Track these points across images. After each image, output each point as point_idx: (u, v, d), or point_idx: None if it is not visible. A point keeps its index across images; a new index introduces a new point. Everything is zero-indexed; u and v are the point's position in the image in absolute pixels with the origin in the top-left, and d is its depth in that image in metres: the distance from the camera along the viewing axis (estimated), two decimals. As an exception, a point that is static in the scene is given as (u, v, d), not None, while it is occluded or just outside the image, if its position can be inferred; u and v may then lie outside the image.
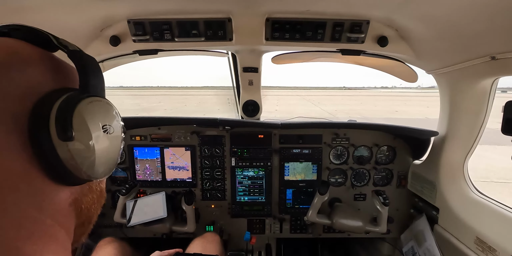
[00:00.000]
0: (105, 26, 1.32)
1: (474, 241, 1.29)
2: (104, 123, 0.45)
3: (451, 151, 1.49)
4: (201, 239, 1.60)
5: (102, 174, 0.47)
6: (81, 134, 0.41)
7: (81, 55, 0.45)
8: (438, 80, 1.49)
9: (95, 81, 0.46)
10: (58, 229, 0.41)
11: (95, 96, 0.45)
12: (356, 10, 1.21)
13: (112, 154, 0.48)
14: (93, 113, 0.43)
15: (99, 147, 0.44)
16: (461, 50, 1.19)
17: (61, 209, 0.43)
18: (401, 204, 1.89)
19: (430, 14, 1.08)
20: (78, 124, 0.40)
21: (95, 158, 0.43)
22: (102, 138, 0.44)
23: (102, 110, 0.45)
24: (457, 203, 1.45)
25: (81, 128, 0.41)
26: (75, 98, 0.41)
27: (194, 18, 1.26)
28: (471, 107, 1.35)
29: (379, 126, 1.77)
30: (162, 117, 1.79)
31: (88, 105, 0.42)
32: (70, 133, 0.39)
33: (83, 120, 0.41)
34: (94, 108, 0.43)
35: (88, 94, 0.43)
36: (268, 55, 1.71)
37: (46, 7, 1.01)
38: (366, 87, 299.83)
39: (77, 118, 0.40)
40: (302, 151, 1.86)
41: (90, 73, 0.45)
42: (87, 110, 0.42)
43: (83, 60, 0.45)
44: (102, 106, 0.45)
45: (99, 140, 0.43)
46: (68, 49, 0.45)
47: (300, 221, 1.94)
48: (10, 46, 0.42)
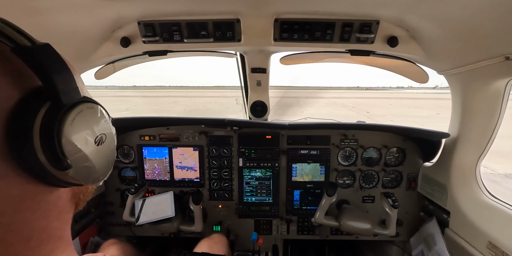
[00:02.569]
0: (116, 27, 1.34)
1: (486, 246, 1.26)
2: (95, 136, 0.40)
3: (463, 154, 1.46)
4: (208, 240, 1.61)
5: (103, 177, 0.45)
6: (77, 159, 0.37)
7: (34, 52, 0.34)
8: (450, 81, 1.46)
9: (65, 82, 0.37)
10: (63, 228, 0.43)
11: (74, 107, 0.37)
12: (366, 10, 1.20)
13: (109, 159, 0.46)
14: (81, 131, 0.38)
15: (96, 161, 0.41)
16: (474, 50, 1.16)
17: (63, 209, 0.43)
18: (411, 207, 1.86)
19: (442, 13, 1.06)
20: (70, 152, 0.36)
21: (96, 169, 0.42)
22: (97, 151, 0.41)
23: (89, 122, 0.40)
24: (469, 206, 1.41)
25: (75, 154, 0.37)
26: (54, 119, 0.35)
27: (203, 19, 1.27)
28: (484, 108, 1.32)
29: (388, 127, 1.74)
30: (171, 117, 1.81)
31: (73, 124, 0.37)
32: (66, 163, 0.36)
33: (75, 146, 0.37)
34: (80, 124, 0.38)
35: (65, 108, 0.36)
36: (276, 55, 1.71)
37: (60, 9, 1.04)
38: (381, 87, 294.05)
39: (67, 145, 0.36)
40: (310, 152, 1.85)
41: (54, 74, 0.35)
42: (74, 132, 0.37)
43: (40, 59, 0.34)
44: (86, 116, 0.39)
45: (95, 155, 0.40)
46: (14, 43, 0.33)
47: (308, 222, 1.93)
48: None
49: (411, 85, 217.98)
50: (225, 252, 1.55)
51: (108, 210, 1.95)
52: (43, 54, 0.35)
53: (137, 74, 63.50)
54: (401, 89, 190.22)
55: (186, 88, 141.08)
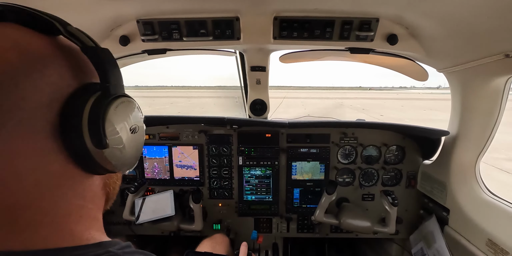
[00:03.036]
0: (115, 26, 1.34)
1: (485, 243, 1.26)
2: (131, 124, 0.48)
3: (462, 151, 1.46)
4: (210, 240, 1.61)
5: (130, 166, 0.52)
6: (114, 139, 0.44)
7: (98, 51, 0.44)
8: (449, 79, 1.46)
9: (115, 78, 0.46)
10: (97, 211, 0.50)
11: (119, 97, 0.46)
12: (365, 8, 1.20)
13: (138, 149, 0.52)
14: (122, 117, 0.45)
15: (128, 146, 0.47)
16: (474, 48, 1.16)
17: (96, 194, 0.50)
18: (410, 205, 1.87)
19: (441, 11, 1.06)
20: (110, 132, 0.43)
21: (126, 156, 0.48)
22: (130, 138, 0.48)
23: (128, 112, 0.47)
24: (468, 204, 1.42)
25: (113, 135, 0.44)
26: (103, 103, 0.42)
27: (202, 17, 1.26)
28: (484, 106, 1.32)
29: (388, 125, 1.74)
30: (170, 116, 1.81)
31: (116, 110, 0.44)
32: (105, 142, 0.42)
33: (114, 128, 0.44)
34: (121, 111, 0.45)
35: (112, 97, 0.44)
36: (276, 54, 1.71)
37: (59, 7, 1.03)
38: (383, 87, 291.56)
39: (108, 126, 0.43)
40: (309, 151, 1.85)
41: (109, 71, 0.45)
42: (116, 116, 0.44)
43: (100, 57, 0.44)
44: (127, 107, 0.47)
45: (128, 141, 0.47)
46: (82, 44, 0.43)
47: (307, 220, 1.94)
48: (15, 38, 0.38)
49: (414, 85, 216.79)
50: (227, 253, 1.56)
51: (108, 209, 1.95)
52: (104, 55, 0.44)
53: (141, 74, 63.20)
54: (404, 89, 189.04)
55: (188, 88, 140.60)
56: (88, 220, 0.47)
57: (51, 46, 0.42)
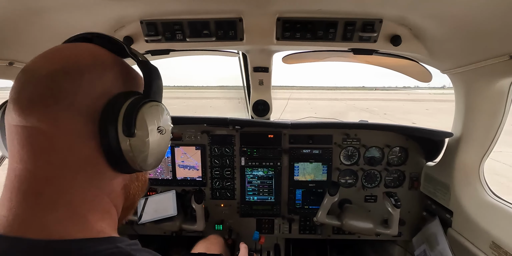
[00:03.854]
0: (118, 27, 1.34)
1: (489, 246, 1.25)
2: (159, 125, 0.53)
3: (466, 153, 1.45)
4: (204, 241, 1.63)
5: (151, 166, 0.55)
6: (141, 132, 0.49)
7: (148, 65, 0.54)
8: (453, 80, 1.45)
9: (156, 88, 0.54)
10: (112, 207, 0.53)
11: (155, 101, 0.53)
12: (369, 9, 1.19)
13: (162, 151, 0.56)
14: (152, 115, 0.51)
15: (153, 144, 0.52)
16: (478, 49, 1.15)
17: (115, 191, 0.54)
18: (413, 207, 1.85)
19: (445, 12, 1.05)
20: (140, 124, 0.48)
21: (148, 153, 0.51)
22: (156, 137, 0.52)
23: (159, 114, 0.53)
24: (472, 206, 1.41)
25: (142, 127, 0.49)
26: (140, 101, 0.49)
27: (205, 18, 1.27)
28: (488, 108, 1.31)
29: (390, 126, 1.74)
30: (173, 116, 1.80)
31: (149, 109, 0.50)
32: (133, 130, 0.47)
33: (144, 121, 0.49)
34: (153, 111, 0.51)
35: (150, 99, 0.51)
36: (279, 54, 1.71)
37: (63, 8, 1.04)
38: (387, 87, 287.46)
39: (140, 118, 0.48)
40: (312, 152, 1.84)
41: (153, 81, 0.54)
42: (148, 113, 0.50)
43: (149, 69, 0.54)
44: (159, 110, 0.54)
45: (154, 138, 0.51)
46: (137, 58, 0.54)
47: (310, 221, 1.93)
48: (94, 51, 0.51)
49: (418, 85, 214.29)
50: (222, 253, 1.56)
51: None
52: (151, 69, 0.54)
53: (140, 74, 64.21)
54: (408, 89, 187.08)
55: (189, 88, 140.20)
56: (101, 211, 0.51)
57: (115, 59, 0.53)
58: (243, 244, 1.44)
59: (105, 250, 0.45)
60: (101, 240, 0.47)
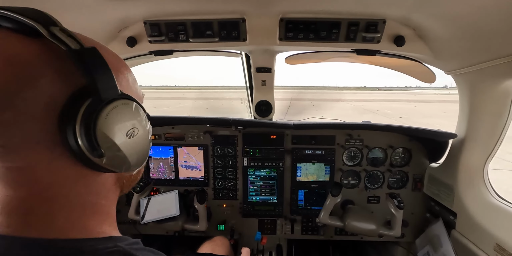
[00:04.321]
0: (122, 27, 1.35)
1: (494, 248, 1.24)
2: (127, 130, 0.46)
3: (470, 154, 1.44)
4: (210, 242, 1.63)
5: (136, 167, 0.51)
6: (109, 149, 0.43)
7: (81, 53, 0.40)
8: (457, 81, 1.44)
9: (104, 81, 0.42)
10: (109, 206, 0.53)
11: (110, 103, 0.43)
12: (372, 9, 1.19)
13: (143, 149, 0.51)
14: (114, 125, 0.44)
15: (129, 151, 0.47)
16: (482, 50, 1.14)
17: (110, 189, 0.53)
18: (417, 208, 1.84)
19: (449, 12, 1.05)
20: (103, 142, 0.42)
21: (129, 160, 0.47)
22: (129, 143, 0.46)
23: (121, 117, 0.45)
24: (476, 208, 1.40)
25: (107, 145, 0.43)
26: (91, 113, 0.41)
27: (208, 18, 1.27)
28: (492, 109, 1.30)
29: (394, 127, 1.73)
30: (176, 117, 1.82)
31: (107, 119, 0.42)
32: (100, 151, 0.42)
33: (106, 137, 0.43)
34: (112, 119, 0.43)
35: (103, 104, 0.42)
36: (281, 55, 1.71)
37: (66, 9, 1.05)
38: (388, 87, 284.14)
39: (100, 136, 0.42)
40: (314, 152, 1.84)
41: (97, 74, 0.41)
42: (106, 126, 0.42)
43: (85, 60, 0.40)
44: (119, 112, 0.44)
45: (127, 147, 0.46)
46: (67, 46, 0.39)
47: (312, 222, 1.93)
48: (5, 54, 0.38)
49: (419, 85, 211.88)
50: (227, 255, 1.56)
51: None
52: (88, 56, 0.41)
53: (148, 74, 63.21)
54: (410, 89, 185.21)
55: (190, 88, 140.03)
56: (102, 215, 0.50)
57: (39, 51, 0.40)
58: (245, 248, 1.43)
59: (104, 249, 0.45)
60: (101, 240, 0.47)
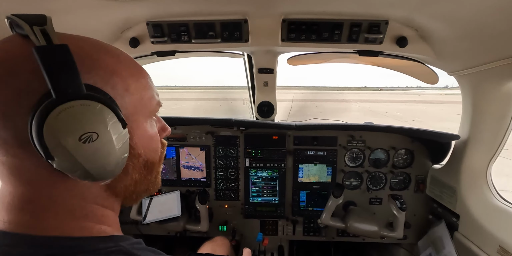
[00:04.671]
0: (125, 28, 1.36)
1: (497, 251, 1.23)
2: (80, 133, 0.40)
3: (473, 156, 1.43)
4: (211, 242, 1.63)
5: (105, 177, 0.46)
6: (59, 153, 0.39)
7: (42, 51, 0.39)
8: (460, 82, 1.44)
9: (63, 80, 0.39)
10: (104, 210, 0.51)
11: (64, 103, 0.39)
12: (375, 10, 1.19)
13: (109, 158, 0.44)
14: (62, 127, 0.39)
15: (85, 158, 0.41)
16: (486, 51, 1.14)
17: (100, 195, 0.50)
18: (419, 210, 1.84)
19: (453, 13, 1.04)
20: (51, 144, 0.38)
21: (86, 168, 0.42)
22: (84, 149, 0.41)
23: (73, 120, 0.40)
24: (479, 209, 1.39)
25: (56, 148, 0.39)
26: (42, 113, 0.38)
27: (210, 19, 1.27)
28: (496, 110, 1.29)
29: (396, 128, 1.72)
30: (178, 117, 1.82)
31: (56, 119, 0.38)
32: (48, 154, 0.39)
33: (55, 139, 0.38)
34: (62, 120, 0.39)
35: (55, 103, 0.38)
36: (284, 56, 1.71)
37: (69, 10, 1.05)
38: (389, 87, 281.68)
39: (48, 138, 0.38)
40: (316, 153, 1.84)
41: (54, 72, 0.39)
42: (54, 127, 0.38)
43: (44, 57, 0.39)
44: (73, 113, 0.40)
45: (81, 153, 0.41)
46: (37, 44, 0.39)
47: (314, 223, 1.92)
48: (1, 52, 0.40)
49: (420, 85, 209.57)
50: (228, 255, 1.56)
51: None
52: (49, 54, 0.39)
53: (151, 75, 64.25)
54: (411, 89, 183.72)
55: (190, 88, 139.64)
56: (96, 217, 0.49)
57: (25, 50, 0.40)
58: (247, 249, 1.43)
59: (105, 248, 0.44)
60: (102, 239, 0.47)
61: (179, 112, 20.40)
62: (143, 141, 0.53)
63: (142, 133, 0.53)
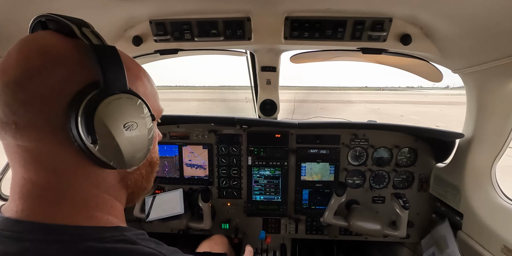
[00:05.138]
0: (128, 26, 1.36)
1: (501, 250, 1.22)
2: (125, 121, 0.47)
3: (477, 155, 1.42)
4: (208, 241, 1.64)
5: (132, 165, 0.51)
6: (104, 136, 0.44)
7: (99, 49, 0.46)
8: (464, 80, 1.42)
9: (114, 75, 0.46)
10: (114, 201, 0.54)
11: (115, 94, 0.45)
12: (378, 8, 1.18)
13: (140, 146, 0.51)
14: (112, 114, 0.45)
15: (124, 144, 0.47)
16: (491, 49, 1.13)
17: (112, 186, 0.54)
18: (422, 208, 1.83)
19: (457, 10, 1.03)
20: (99, 128, 0.43)
21: (122, 154, 0.47)
22: (125, 135, 0.47)
23: (121, 109, 0.46)
24: (483, 208, 1.38)
25: (103, 132, 0.44)
26: (94, 100, 0.43)
27: (213, 17, 1.27)
28: (501, 108, 1.28)
29: (400, 127, 1.71)
30: (181, 115, 1.83)
31: (107, 107, 0.44)
32: (94, 137, 0.43)
33: (103, 124, 0.44)
34: (113, 108, 0.45)
35: (107, 93, 0.45)
36: (286, 54, 1.71)
37: (73, 9, 1.06)
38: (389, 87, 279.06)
39: (97, 122, 0.43)
40: (319, 152, 1.83)
41: (108, 68, 0.45)
42: (106, 113, 0.44)
43: (100, 54, 0.45)
44: (121, 104, 0.46)
45: (122, 138, 0.47)
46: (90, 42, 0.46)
47: (316, 222, 1.92)
48: (43, 45, 0.45)
49: (421, 85, 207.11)
50: (226, 252, 1.57)
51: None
52: (105, 52, 0.46)
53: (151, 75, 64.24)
54: (412, 89, 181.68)
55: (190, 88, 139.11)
56: (106, 207, 0.52)
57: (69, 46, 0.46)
58: (249, 247, 1.44)
59: (112, 237, 0.47)
60: (108, 229, 0.49)
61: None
62: (153, 140, 0.57)
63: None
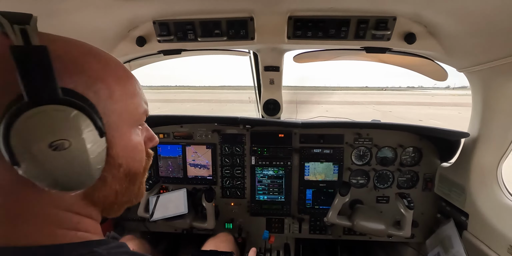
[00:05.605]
0: (131, 27, 1.37)
1: (507, 250, 1.21)
2: (51, 140, 0.37)
3: (483, 154, 1.40)
4: (214, 239, 1.64)
5: (77, 187, 0.43)
6: (25, 159, 0.37)
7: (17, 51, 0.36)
8: (470, 79, 1.41)
9: (38, 82, 0.37)
10: (81, 217, 0.48)
11: (35, 107, 0.36)
12: (382, 6, 1.17)
13: (80, 168, 0.41)
14: (31, 132, 0.36)
15: (55, 166, 0.38)
16: (496, 47, 1.11)
17: (75, 203, 0.47)
18: (427, 208, 1.82)
19: (462, 8, 1.02)
20: (18, 149, 0.36)
21: (55, 177, 0.39)
22: (54, 156, 0.38)
23: (44, 126, 0.37)
24: (489, 208, 1.37)
25: (22, 153, 0.36)
26: (11, 116, 0.35)
27: (216, 17, 1.27)
28: (506, 107, 1.26)
29: (404, 126, 1.70)
30: (184, 115, 1.83)
31: (26, 123, 0.36)
32: (14, 159, 0.36)
33: (21, 145, 0.36)
34: (32, 125, 0.36)
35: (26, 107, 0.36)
36: (290, 53, 1.70)
37: (78, 9, 1.06)
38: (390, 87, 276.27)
39: (15, 142, 0.36)
40: (323, 151, 1.83)
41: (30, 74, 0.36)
42: (23, 131, 0.36)
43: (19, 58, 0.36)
44: (44, 118, 0.37)
45: (50, 160, 0.38)
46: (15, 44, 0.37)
47: (320, 222, 1.92)
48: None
49: (421, 85, 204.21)
50: (232, 250, 1.57)
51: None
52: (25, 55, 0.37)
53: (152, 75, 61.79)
54: (412, 89, 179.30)
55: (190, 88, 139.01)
56: (71, 224, 0.46)
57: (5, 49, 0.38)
58: (253, 249, 1.44)
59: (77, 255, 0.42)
60: (75, 245, 0.44)
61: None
62: (126, 151, 0.50)
63: (125, 143, 0.50)
